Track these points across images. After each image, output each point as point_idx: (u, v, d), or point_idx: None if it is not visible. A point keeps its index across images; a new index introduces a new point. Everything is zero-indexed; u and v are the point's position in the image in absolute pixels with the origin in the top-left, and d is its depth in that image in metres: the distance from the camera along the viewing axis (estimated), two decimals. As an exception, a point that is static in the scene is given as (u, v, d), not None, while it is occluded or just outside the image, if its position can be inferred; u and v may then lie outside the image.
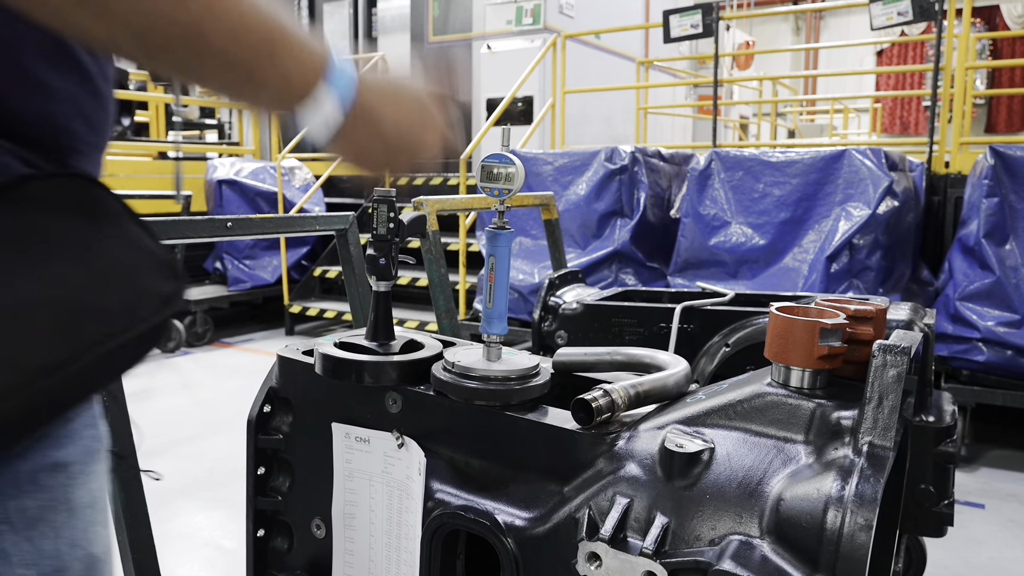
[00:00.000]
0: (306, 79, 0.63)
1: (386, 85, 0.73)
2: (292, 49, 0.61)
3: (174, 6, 0.53)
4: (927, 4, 3.99)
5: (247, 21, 0.57)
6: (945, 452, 1.61)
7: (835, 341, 0.88)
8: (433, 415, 1.06)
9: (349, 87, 0.66)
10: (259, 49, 0.58)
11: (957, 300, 3.03)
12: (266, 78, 0.60)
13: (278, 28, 0.60)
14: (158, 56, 0.56)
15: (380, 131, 0.71)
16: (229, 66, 0.58)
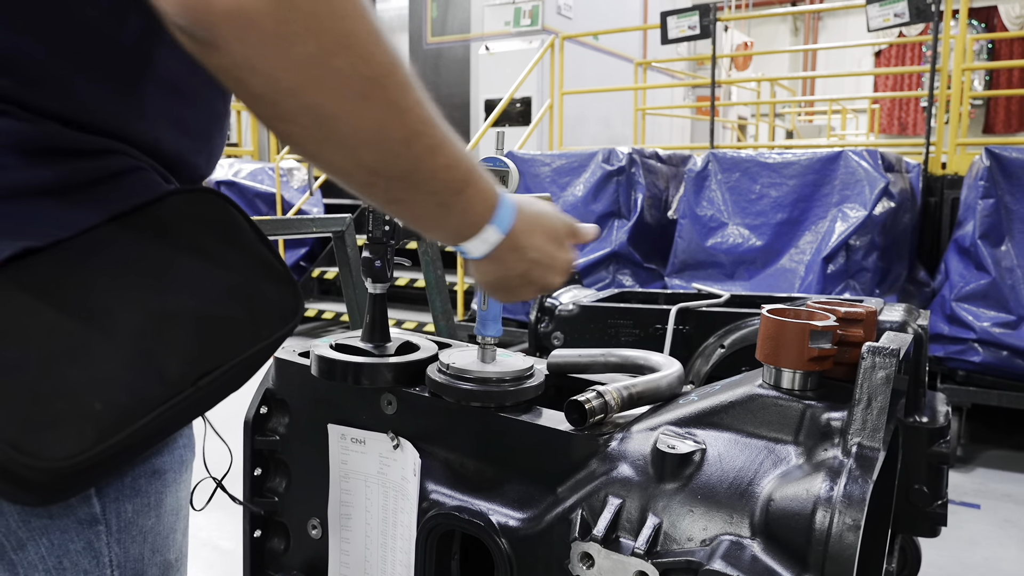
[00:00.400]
0: (481, 215, 0.73)
1: (535, 215, 0.82)
2: (478, 186, 0.71)
3: (402, 147, 0.61)
4: (924, 5, 4.00)
5: (452, 161, 0.66)
6: (938, 453, 1.62)
7: (825, 343, 0.89)
8: (428, 416, 1.07)
9: (510, 220, 0.77)
10: (456, 185, 0.68)
11: (953, 301, 3.04)
12: (453, 210, 0.71)
13: (470, 167, 0.70)
14: (378, 186, 0.65)
15: (524, 258, 0.81)
16: (430, 196, 0.67)
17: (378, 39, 0.57)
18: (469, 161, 0.69)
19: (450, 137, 0.66)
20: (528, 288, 0.86)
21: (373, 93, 0.57)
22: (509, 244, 0.78)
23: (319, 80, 0.54)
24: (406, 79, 0.60)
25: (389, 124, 0.60)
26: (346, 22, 0.53)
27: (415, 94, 0.61)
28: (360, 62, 0.55)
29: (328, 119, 0.57)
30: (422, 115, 0.62)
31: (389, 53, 0.58)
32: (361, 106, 0.57)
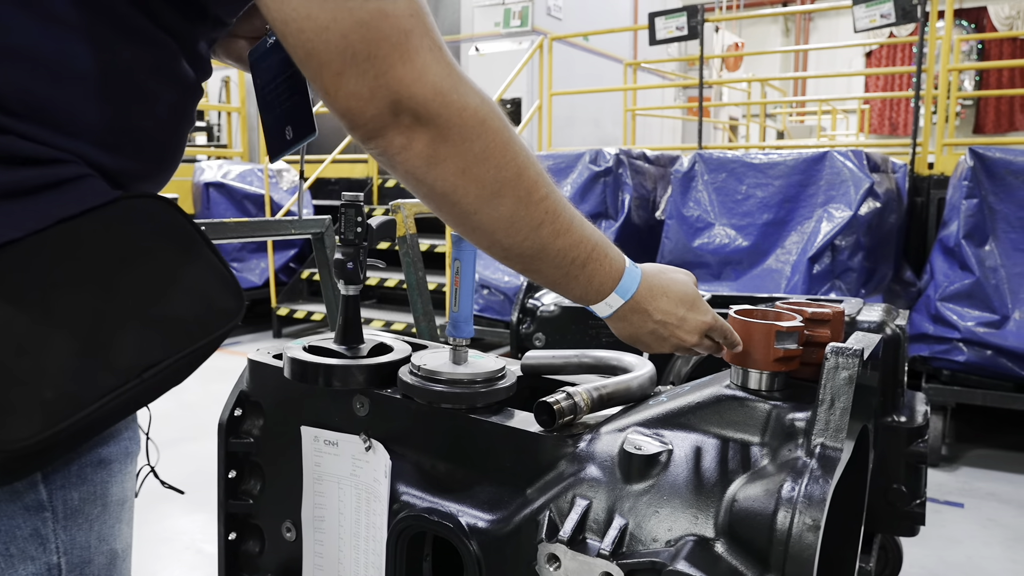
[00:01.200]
0: (604, 284, 0.89)
1: (663, 284, 0.95)
2: (601, 262, 0.86)
3: (531, 231, 0.77)
4: (909, 6, 4.02)
5: (575, 241, 0.82)
6: (916, 452, 1.63)
7: (791, 343, 0.89)
8: (400, 418, 1.07)
9: (633, 288, 0.91)
10: (579, 260, 0.84)
11: (938, 301, 3.05)
12: (579, 280, 0.86)
13: (593, 243, 0.85)
14: (513, 259, 0.81)
15: (650, 319, 0.94)
16: (556, 269, 0.83)
17: (509, 148, 0.71)
18: (594, 241, 0.85)
19: (575, 222, 0.81)
20: (662, 343, 0.98)
21: (505, 192, 0.72)
22: (631, 307, 0.93)
23: (464, 187, 0.71)
24: (535, 177, 0.75)
25: (519, 215, 0.75)
26: (484, 139, 0.69)
27: (543, 188, 0.76)
28: (495, 169, 0.71)
29: (470, 213, 0.74)
30: (549, 206, 0.77)
31: (519, 158, 0.72)
32: (495, 203, 0.73)
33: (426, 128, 0.66)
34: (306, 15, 0.61)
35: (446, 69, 0.66)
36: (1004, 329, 2.93)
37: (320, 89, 0.65)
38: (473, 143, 0.68)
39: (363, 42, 0.62)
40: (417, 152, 0.67)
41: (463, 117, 0.67)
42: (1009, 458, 3.10)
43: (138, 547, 2.33)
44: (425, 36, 0.65)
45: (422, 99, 0.65)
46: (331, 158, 5.82)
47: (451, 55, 0.69)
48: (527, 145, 0.75)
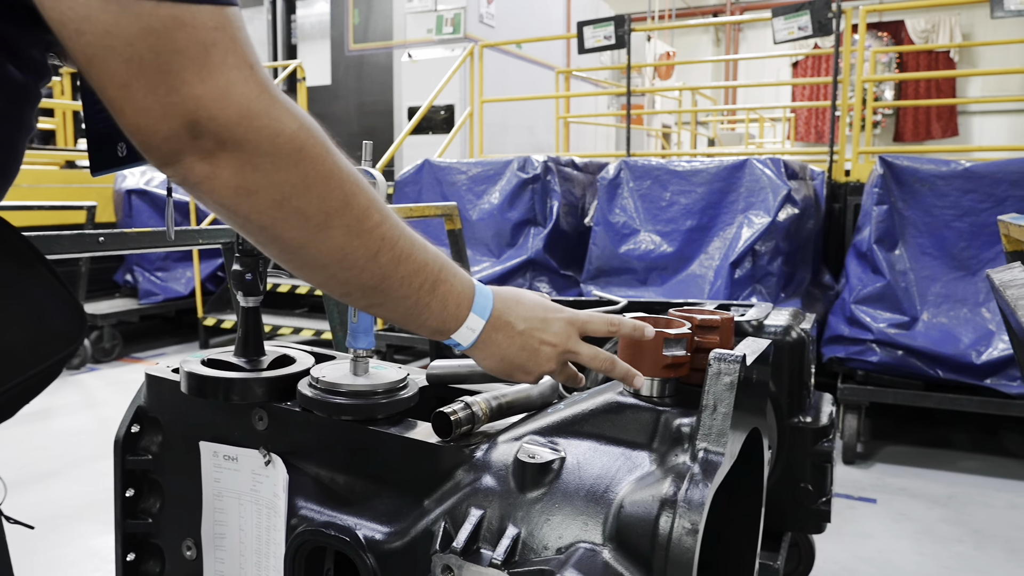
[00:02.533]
0: (459, 307, 0.83)
1: (514, 294, 0.91)
2: (450, 283, 0.81)
3: (367, 262, 0.72)
4: (825, 19, 4.16)
5: (419, 266, 0.77)
6: (822, 451, 1.68)
7: (679, 350, 0.91)
8: (299, 431, 1.05)
9: (488, 304, 0.87)
10: (427, 285, 0.79)
11: (852, 303, 3.16)
12: (431, 307, 0.81)
13: (439, 265, 0.80)
14: (354, 294, 0.76)
15: (514, 332, 0.89)
16: (404, 299, 0.78)
17: (333, 175, 0.67)
18: (440, 263, 0.80)
19: (417, 246, 0.77)
20: (536, 359, 0.91)
21: (332, 222, 0.68)
22: (494, 324, 0.87)
23: (284, 220, 0.65)
24: (366, 204, 0.70)
25: (352, 246, 0.70)
26: (302, 168, 0.64)
27: (376, 215, 0.71)
28: (318, 199, 0.66)
29: (296, 248, 0.69)
30: (384, 232, 0.72)
31: (346, 185, 0.68)
32: (323, 235, 0.68)
33: (232, 155, 0.60)
34: (84, 16, 0.54)
35: (256, 90, 0.60)
36: (913, 330, 3.06)
37: (107, 102, 0.58)
38: (290, 172, 0.63)
39: (152, 52, 0.55)
40: (224, 182, 0.61)
41: (276, 144, 0.62)
42: (919, 454, 3.22)
43: (49, 570, 2.25)
44: (231, 52, 0.59)
45: (225, 121, 0.59)
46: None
47: (267, 75, 0.63)
48: (355, 172, 0.71)
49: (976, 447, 3.35)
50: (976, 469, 3.06)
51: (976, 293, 3.03)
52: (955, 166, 3.07)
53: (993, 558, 2.34)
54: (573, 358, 0.93)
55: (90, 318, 4.73)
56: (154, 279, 5.38)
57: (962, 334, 2.98)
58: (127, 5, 0.54)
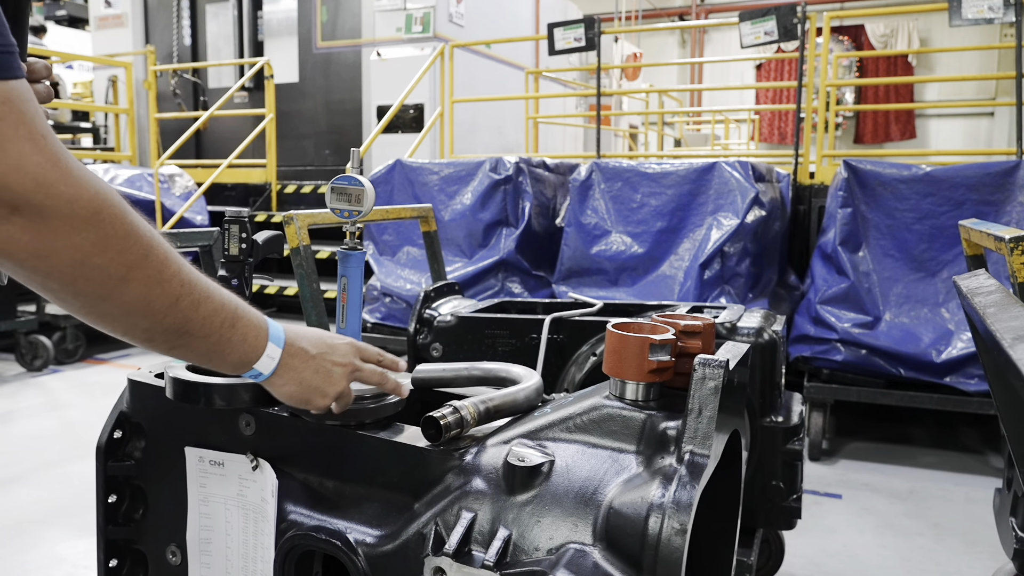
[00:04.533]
0: (258, 338, 0.89)
1: (297, 329, 0.97)
2: (247, 319, 0.87)
3: (169, 309, 0.77)
4: (791, 25, 4.25)
5: (217, 306, 0.83)
6: (792, 450, 1.73)
7: (664, 355, 0.94)
8: (287, 436, 1.06)
9: (282, 334, 0.93)
10: (227, 322, 0.84)
11: (817, 304, 3.24)
12: (232, 343, 0.86)
13: (235, 303, 0.86)
14: (157, 339, 0.80)
15: (308, 356, 0.95)
16: (207, 337, 0.83)
17: (131, 234, 0.71)
18: (234, 301, 0.86)
19: (212, 288, 0.83)
20: (330, 379, 0.97)
21: (133, 275, 0.72)
22: (290, 352, 0.93)
23: (85, 277, 0.69)
24: (163, 255, 0.75)
25: (153, 295, 0.75)
26: (101, 228, 0.68)
27: (173, 264, 0.77)
28: (118, 255, 0.70)
29: (98, 300, 0.72)
30: (183, 279, 0.78)
31: (144, 239, 0.73)
32: (123, 288, 0.72)
33: (29, 220, 0.63)
34: None
35: (51, 159, 0.64)
36: (876, 330, 3.14)
37: None
38: (88, 233, 0.67)
39: None
40: (23, 245, 0.64)
41: (74, 208, 0.65)
42: (882, 450, 3.31)
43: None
44: (21, 125, 0.62)
45: (21, 190, 0.62)
46: (227, 162, 5.65)
47: (59, 144, 0.66)
48: (150, 227, 0.75)
49: (935, 443, 3.45)
50: (935, 464, 3.16)
51: (936, 294, 3.12)
52: (916, 171, 3.16)
53: (952, 550, 2.41)
54: (359, 376, 1.00)
55: (52, 319, 4.64)
56: (118, 279, 5.30)
57: (923, 334, 3.07)
58: None
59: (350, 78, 7.19)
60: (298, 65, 7.48)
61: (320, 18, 7.31)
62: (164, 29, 8.02)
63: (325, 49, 7.33)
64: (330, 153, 7.32)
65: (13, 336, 4.59)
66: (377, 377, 1.02)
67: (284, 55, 7.51)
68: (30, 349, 4.53)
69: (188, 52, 7.86)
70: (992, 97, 13.65)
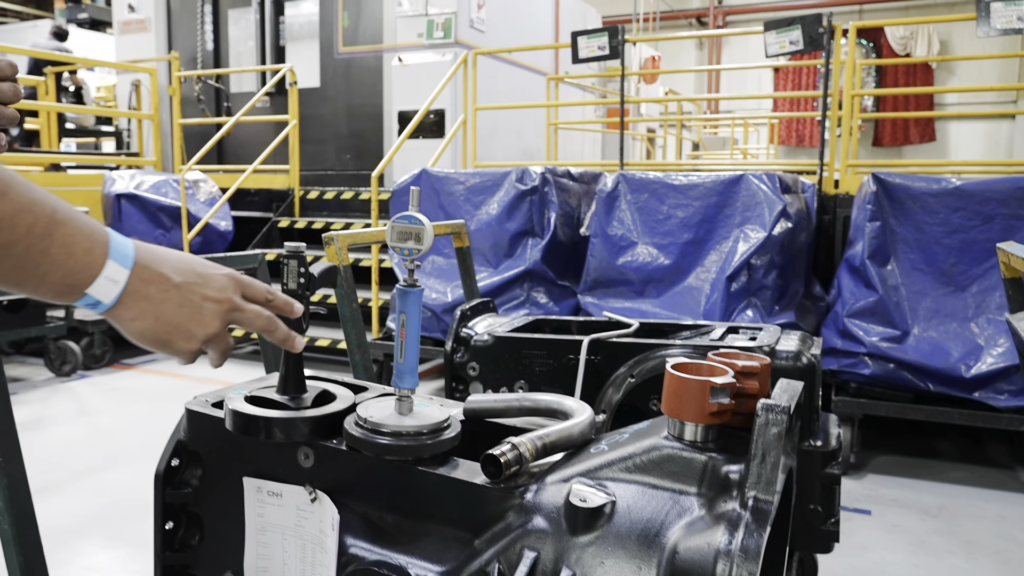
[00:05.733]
0: (90, 254, 0.68)
1: (153, 246, 0.76)
2: (72, 224, 0.66)
3: None
4: (816, 34, 4.23)
5: (23, 206, 0.62)
6: (831, 474, 1.73)
7: (724, 398, 0.95)
8: (346, 469, 1.08)
9: (130, 251, 0.71)
10: (38, 229, 0.63)
11: (845, 317, 3.23)
12: (50, 254, 0.65)
13: (54, 208, 0.65)
14: None
15: (170, 284, 0.74)
16: (12, 256, 0.62)
17: None
18: (51, 203, 0.65)
19: (16, 184, 0.62)
20: (199, 317, 0.77)
21: None
22: (141, 276, 0.72)
23: None
24: None
25: None
26: None
27: None
28: None
29: None
30: None
31: None
32: None
33: None
34: None
35: None
36: (905, 344, 3.13)
37: None
38: None
39: None
40: None
41: None
42: (910, 464, 3.30)
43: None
44: None
45: None
46: (252, 168, 5.69)
47: None
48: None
49: (963, 457, 3.44)
50: (964, 479, 3.14)
51: (965, 308, 3.11)
52: (945, 184, 3.14)
53: (985, 570, 2.41)
54: (238, 317, 0.82)
55: (80, 324, 4.69)
56: (144, 284, 5.35)
57: (952, 348, 3.05)
58: None
59: (371, 83, 7.23)
60: (320, 70, 7.54)
61: (342, 23, 7.35)
62: (187, 34, 8.09)
63: (347, 54, 7.37)
64: (351, 158, 7.37)
65: (42, 341, 4.65)
66: (262, 321, 0.85)
67: (306, 60, 7.56)
68: (59, 354, 4.58)
69: (211, 57, 7.93)
70: (1013, 101, 13.53)
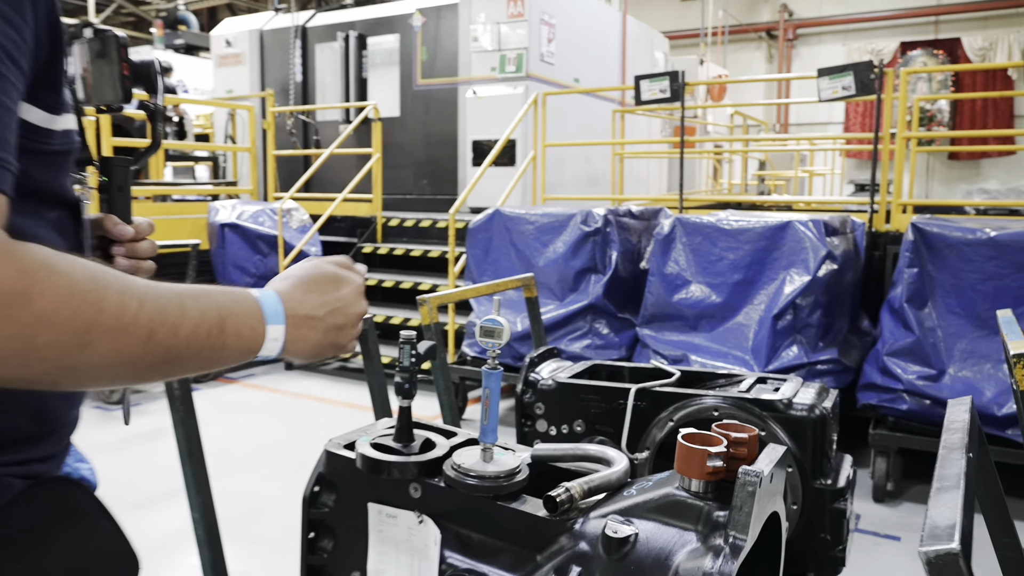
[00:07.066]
0: (253, 328, 0.81)
1: (296, 281, 0.90)
2: (234, 314, 0.79)
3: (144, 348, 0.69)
4: (868, 80, 4.47)
5: (197, 320, 0.74)
6: (839, 509, 2.06)
7: (718, 462, 1.30)
8: (444, 501, 1.47)
9: (278, 307, 0.84)
10: (214, 331, 0.76)
11: (884, 355, 3.49)
12: (227, 346, 0.78)
13: (216, 306, 0.77)
14: (145, 377, 0.73)
15: (317, 319, 0.89)
16: (198, 353, 0.75)
17: (72, 297, 0.64)
18: (216, 304, 0.77)
19: (186, 303, 0.74)
20: (345, 333, 0.94)
21: (91, 335, 0.65)
22: (294, 323, 0.86)
23: (39, 357, 0.63)
24: (118, 299, 0.67)
25: (122, 342, 0.67)
26: (34, 307, 0.61)
27: (133, 302, 0.68)
28: (66, 324, 0.63)
29: (66, 371, 0.65)
30: (149, 313, 0.69)
31: (90, 295, 0.65)
32: (88, 350, 0.65)
33: None
34: None
35: None
36: (940, 382, 3.36)
37: None
38: (22, 315, 0.61)
39: None
40: None
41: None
42: (947, 493, 3.52)
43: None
44: None
45: None
46: (341, 197, 6.22)
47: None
48: (95, 273, 0.67)
49: (1001, 488, 3.63)
50: (998, 510, 3.35)
51: (998, 351, 3.32)
52: (981, 234, 3.36)
53: (1002, 595, 2.65)
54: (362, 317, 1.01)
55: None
56: (244, 304, 5.92)
57: (985, 388, 3.28)
58: None
59: (447, 113, 7.70)
60: (399, 101, 8.05)
61: (420, 57, 7.84)
62: (278, 66, 8.73)
63: (425, 86, 7.86)
64: (428, 183, 7.85)
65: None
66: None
67: (385, 90, 8.09)
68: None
69: (299, 88, 8.54)
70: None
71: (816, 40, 16.34)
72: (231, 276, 5.98)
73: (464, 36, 7.42)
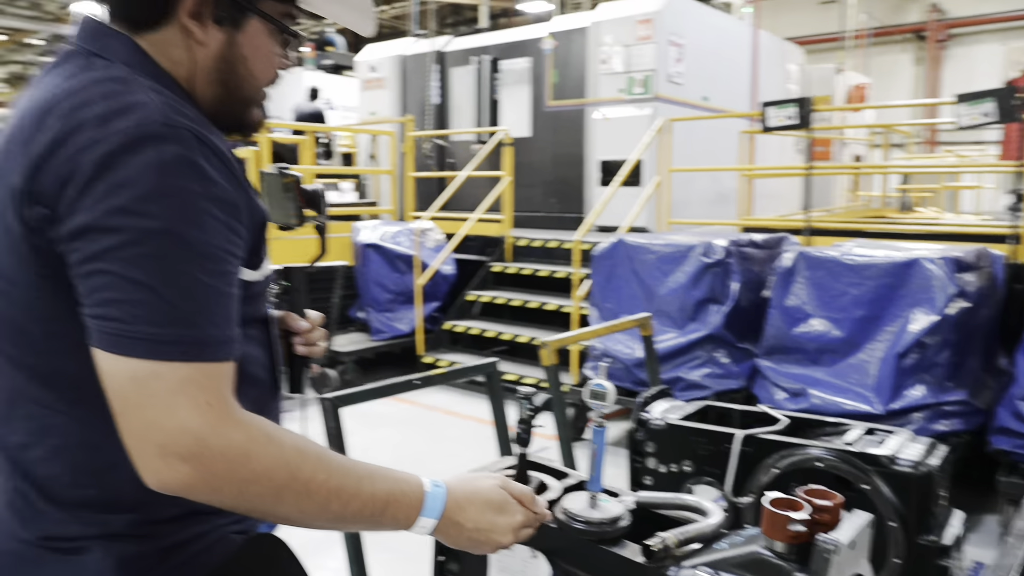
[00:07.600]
0: (409, 516, 1.02)
1: (468, 494, 1.11)
2: (399, 502, 1.01)
3: (321, 511, 0.93)
4: (1009, 106, 4.30)
5: (367, 499, 0.97)
6: (942, 566, 2.10)
7: (800, 528, 1.43)
8: (555, 540, 1.67)
9: (439, 508, 1.05)
10: (376, 512, 0.98)
11: (1018, 399, 3.38)
12: (384, 522, 1.00)
13: (385, 493, 0.99)
14: (317, 526, 0.96)
15: (464, 530, 1.09)
16: (359, 523, 0.99)
17: (277, 463, 0.88)
18: (385, 491, 0.98)
19: (363, 485, 0.95)
20: (481, 547, 1.15)
21: (285, 495, 0.88)
22: (445, 523, 1.06)
23: (248, 499, 0.87)
24: (310, 471, 0.90)
25: (305, 505, 0.90)
26: (250, 466, 0.86)
27: (320, 475, 0.91)
28: (268, 482, 0.87)
29: (264, 514, 0.91)
30: (331, 487, 0.92)
31: (291, 464, 0.88)
32: (281, 504, 0.89)
33: (193, 466, 0.82)
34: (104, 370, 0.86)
35: (211, 421, 0.83)
36: (1078, 430, 3.23)
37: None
38: (240, 470, 0.85)
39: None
40: (192, 485, 0.83)
41: (226, 455, 0.84)
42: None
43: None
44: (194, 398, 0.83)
45: (184, 445, 0.82)
46: (475, 218, 6.57)
47: (225, 406, 0.86)
48: (299, 446, 0.90)
49: None
50: None
51: None
52: None
53: None
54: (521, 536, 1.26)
55: (335, 354, 5.75)
56: (383, 319, 6.37)
57: None
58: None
59: (575, 134, 7.90)
60: (530, 121, 8.34)
61: (551, 79, 8.09)
62: (417, 89, 9.24)
63: (554, 108, 8.10)
64: (556, 201, 8.09)
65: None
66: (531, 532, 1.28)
67: (517, 112, 8.40)
68: (321, 379, 5.67)
69: (435, 110, 9.01)
70: None
71: (971, 40, 15.32)
72: (372, 292, 6.44)
73: (592, 59, 7.59)
